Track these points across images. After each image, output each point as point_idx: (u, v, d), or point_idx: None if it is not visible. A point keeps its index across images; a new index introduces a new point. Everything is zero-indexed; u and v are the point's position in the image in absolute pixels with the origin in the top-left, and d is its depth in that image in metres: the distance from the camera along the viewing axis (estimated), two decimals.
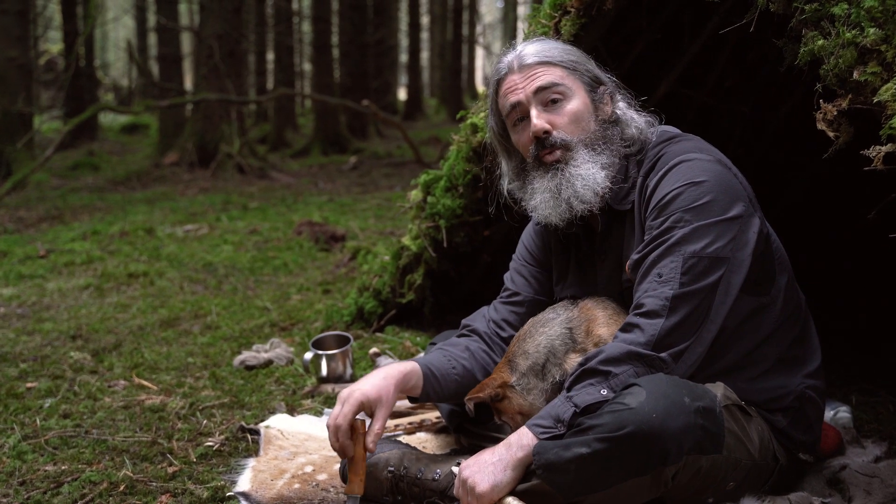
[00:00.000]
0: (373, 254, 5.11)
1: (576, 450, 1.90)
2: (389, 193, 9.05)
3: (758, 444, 2.06)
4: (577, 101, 2.19)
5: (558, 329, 2.15)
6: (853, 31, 2.02)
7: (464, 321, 2.58)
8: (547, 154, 2.19)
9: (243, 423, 2.83)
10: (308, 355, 3.24)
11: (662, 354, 1.95)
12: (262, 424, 2.82)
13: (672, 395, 1.85)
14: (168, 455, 2.65)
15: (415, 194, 3.72)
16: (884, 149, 1.99)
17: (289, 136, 16.47)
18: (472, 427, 2.49)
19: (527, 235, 2.56)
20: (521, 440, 1.99)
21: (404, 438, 2.69)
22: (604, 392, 1.92)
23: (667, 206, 2.04)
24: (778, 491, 2.17)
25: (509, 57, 2.26)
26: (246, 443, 2.73)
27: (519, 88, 2.20)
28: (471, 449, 2.48)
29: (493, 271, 3.88)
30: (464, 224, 3.49)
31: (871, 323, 3.66)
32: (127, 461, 2.59)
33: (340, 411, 2.13)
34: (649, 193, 2.10)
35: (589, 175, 2.15)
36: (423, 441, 2.72)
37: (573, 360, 2.10)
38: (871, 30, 1.99)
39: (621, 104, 2.25)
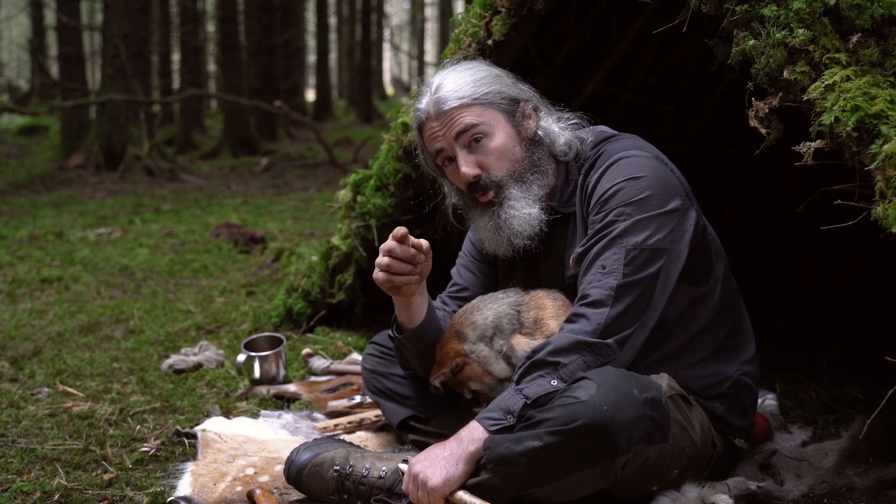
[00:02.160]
0: (297, 255, 5.07)
1: (527, 443, 1.93)
2: (305, 195, 8.98)
3: (699, 432, 2.13)
4: (499, 136, 2.22)
5: (506, 308, 2.19)
6: (783, 32, 2.11)
7: None
8: (480, 195, 2.25)
9: (179, 427, 2.78)
10: (241, 357, 3.20)
11: (608, 341, 2.01)
12: (198, 428, 2.77)
13: (621, 388, 1.90)
14: (103, 462, 2.58)
15: (343, 194, 3.70)
16: (813, 144, 2.09)
17: (196, 138, 16.12)
18: (418, 424, 2.50)
19: (473, 234, 2.60)
20: (472, 434, 2.02)
21: (344, 438, 2.68)
22: (554, 383, 1.97)
23: (608, 200, 2.10)
24: (714, 477, 2.25)
25: (425, 102, 2.27)
26: (183, 447, 2.68)
27: (440, 136, 2.24)
28: (415, 446, 2.49)
29: None
30: (395, 223, 3.49)
31: (789, 315, 3.81)
32: (59, 469, 2.51)
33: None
34: (591, 190, 2.17)
35: (524, 214, 2.21)
36: (364, 440, 2.73)
37: (519, 340, 2.14)
38: (800, 31, 2.08)
39: (544, 121, 2.29)
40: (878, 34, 2.10)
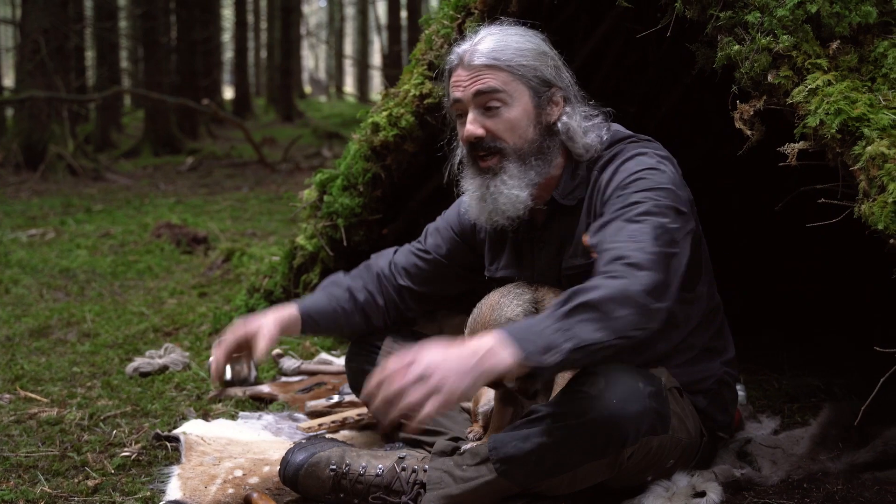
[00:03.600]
0: (248, 255, 5.01)
1: (536, 440, 1.97)
2: (239, 194, 8.87)
3: (692, 423, 2.21)
4: (516, 109, 2.18)
5: (529, 306, 2.16)
6: (767, 38, 2.20)
7: (372, 256, 2.67)
8: (481, 159, 2.22)
9: (158, 431, 2.73)
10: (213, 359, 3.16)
11: (656, 305, 1.87)
12: (178, 431, 2.73)
13: (628, 381, 1.95)
14: (84, 468, 2.52)
15: (308, 193, 3.69)
16: (797, 146, 2.19)
17: (114, 136, 15.73)
18: (408, 420, 2.50)
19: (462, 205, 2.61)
20: (498, 354, 1.78)
21: (328, 437, 2.68)
22: (599, 335, 1.80)
23: (629, 185, 2.07)
24: (699, 466, 2.33)
25: (464, 47, 2.25)
26: (164, 451, 2.64)
27: (462, 86, 2.21)
28: (406, 444, 2.51)
29: None
30: (363, 223, 3.50)
31: (750, 307, 3.94)
32: (40, 477, 2.45)
33: (222, 339, 2.31)
34: (606, 182, 2.14)
35: (510, 194, 2.18)
36: (349, 438, 2.72)
37: None
38: (785, 37, 2.18)
39: (569, 115, 2.24)
40: (854, 41, 2.22)
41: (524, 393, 2.12)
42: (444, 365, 1.77)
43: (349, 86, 42.86)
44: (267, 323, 2.36)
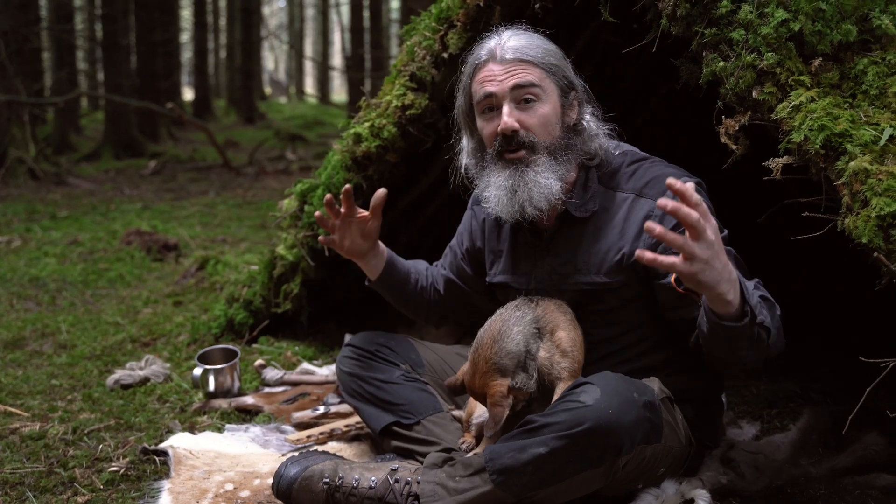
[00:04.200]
0: (223, 263, 4.99)
1: (532, 450, 2.00)
2: (207, 199, 8.79)
3: (682, 431, 2.26)
4: (549, 105, 2.25)
5: (529, 328, 2.20)
6: (752, 55, 2.26)
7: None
8: (510, 152, 2.26)
9: (146, 445, 2.72)
10: (197, 371, 3.15)
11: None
12: (165, 445, 2.72)
13: (623, 392, 1.99)
14: (73, 484, 2.51)
15: (288, 203, 3.69)
16: (781, 160, 2.24)
17: (73, 139, 15.47)
18: (401, 430, 2.52)
19: (467, 219, 2.69)
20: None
21: (316, 449, 2.68)
22: (761, 319, 1.96)
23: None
24: (686, 473, 2.38)
25: (492, 44, 2.29)
26: (153, 465, 2.63)
27: (497, 80, 2.24)
28: (398, 453, 2.53)
29: (363, 277, 3.93)
30: None
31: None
32: (29, 494, 2.44)
33: None
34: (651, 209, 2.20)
35: (546, 184, 2.23)
36: (338, 450, 2.73)
37: (541, 355, 2.19)
38: (769, 54, 2.23)
39: (588, 115, 2.32)
40: (835, 58, 2.28)
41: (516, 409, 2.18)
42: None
43: (309, 87, 42.68)
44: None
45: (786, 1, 2.27)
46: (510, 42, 2.27)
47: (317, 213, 2.47)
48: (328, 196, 2.41)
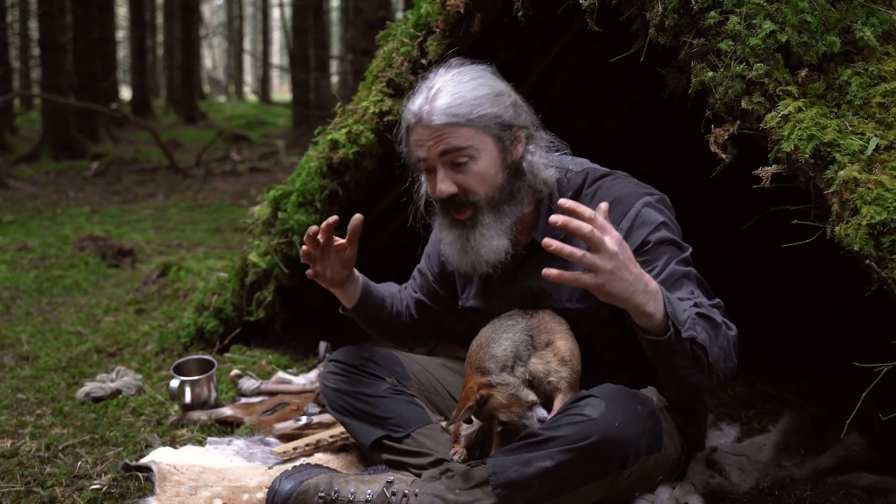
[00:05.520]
0: (185, 269, 4.89)
1: (538, 464, 2.00)
2: (157, 202, 8.63)
3: (677, 438, 2.29)
4: (483, 160, 2.21)
5: (521, 335, 2.21)
6: (741, 66, 2.29)
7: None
8: (456, 212, 2.26)
9: (127, 461, 2.65)
10: (174, 383, 3.09)
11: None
12: (148, 460, 2.66)
13: (627, 404, 2.01)
14: (54, 503, 2.44)
15: (260, 210, 3.64)
16: (770, 169, 2.28)
17: (8, 140, 15.04)
18: (391, 443, 2.50)
19: (434, 242, 2.67)
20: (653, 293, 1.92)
21: (303, 461, 2.65)
22: (691, 335, 1.97)
23: (656, 246, 2.17)
24: (676, 478, 2.41)
25: (419, 102, 2.23)
26: (136, 482, 2.57)
27: (426, 146, 2.21)
28: (389, 466, 2.51)
29: None
30: None
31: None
32: None
33: None
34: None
35: (491, 246, 2.24)
36: (325, 461, 2.69)
37: (535, 364, 2.19)
38: (758, 64, 2.27)
39: (532, 153, 2.28)
40: (820, 69, 2.32)
41: (515, 426, 2.18)
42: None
43: (249, 86, 42.16)
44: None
45: (773, 12, 2.30)
46: (438, 101, 2.20)
47: (303, 248, 2.41)
48: (313, 228, 2.35)
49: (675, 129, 4.23)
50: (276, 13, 33.21)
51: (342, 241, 2.43)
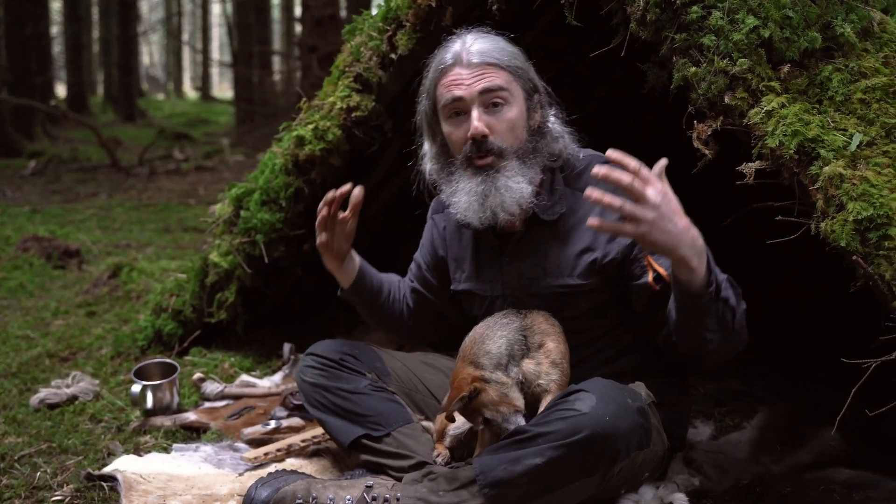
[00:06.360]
0: (137, 270, 4.74)
1: (527, 461, 1.96)
2: (100, 202, 8.38)
3: (664, 435, 2.26)
4: (516, 109, 2.23)
5: (515, 334, 2.17)
6: (725, 61, 2.27)
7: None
8: (479, 158, 2.22)
9: (90, 471, 2.53)
10: (136, 388, 2.97)
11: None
12: (111, 469, 2.54)
13: (618, 398, 1.98)
14: None
15: (220, 209, 3.52)
16: (754, 165, 2.27)
17: None
18: (370, 442, 2.42)
19: (428, 229, 2.63)
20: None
21: (275, 467, 2.56)
22: (726, 295, 1.98)
23: None
24: (659, 477, 2.39)
25: (457, 47, 2.25)
26: (100, 492, 2.45)
27: (464, 84, 2.20)
28: (368, 467, 2.43)
29: (301, 285, 3.81)
30: (283, 238, 3.38)
31: None
32: None
33: None
34: None
35: (518, 188, 2.21)
36: (298, 467, 2.61)
37: (528, 365, 2.15)
38: (742, 60, 2.25)
39: (552, 117, 2.31)
40: (801, 65, 2.32)
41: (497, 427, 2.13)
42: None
43: (188, 83, 41.49)
44: None
45: (755, 7, 2.29)
46: (476, 45, 2.25)
47: (321, 214, 2.41)
48: (331, 193, 2.37)
49: (643, 125, 4.25)
50: (216, 9, 32.74)
51: (344, 213, 2.42)
